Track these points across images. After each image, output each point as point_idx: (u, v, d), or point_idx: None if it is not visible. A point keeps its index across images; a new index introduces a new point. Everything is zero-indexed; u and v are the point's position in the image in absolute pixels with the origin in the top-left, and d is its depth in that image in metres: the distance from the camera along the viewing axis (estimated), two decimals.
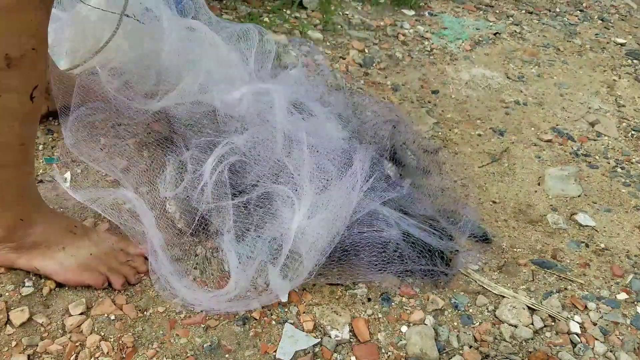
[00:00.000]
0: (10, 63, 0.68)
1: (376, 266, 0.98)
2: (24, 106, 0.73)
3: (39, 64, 0.72)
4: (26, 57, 0.69)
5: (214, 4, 1.72)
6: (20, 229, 0.84)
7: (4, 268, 0.89)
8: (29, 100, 0.73)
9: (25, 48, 0.69)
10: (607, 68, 1.81)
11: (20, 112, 0.73)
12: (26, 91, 0.72)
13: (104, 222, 1.00)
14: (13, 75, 0.69)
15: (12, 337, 0.82)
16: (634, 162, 1.42)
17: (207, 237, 1.01)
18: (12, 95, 0.71)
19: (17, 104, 0.72)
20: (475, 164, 1.32)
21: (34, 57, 0.70)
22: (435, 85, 1.59)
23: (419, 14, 1.95)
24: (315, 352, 0.87)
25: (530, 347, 0.93)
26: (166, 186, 1.04)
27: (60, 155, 1.12)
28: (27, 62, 0.70)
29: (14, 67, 0.68)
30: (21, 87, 0.71)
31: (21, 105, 0.73)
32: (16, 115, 0.73)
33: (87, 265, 0.88)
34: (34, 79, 0.72)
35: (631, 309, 1.03)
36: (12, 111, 0.73)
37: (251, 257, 0.92)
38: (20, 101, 0.72)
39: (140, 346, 0.84)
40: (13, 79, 0.70)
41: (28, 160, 0.82)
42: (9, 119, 0.73)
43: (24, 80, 0.71)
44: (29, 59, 0.70)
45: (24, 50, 0.68)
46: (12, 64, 0.68)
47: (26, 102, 0.73)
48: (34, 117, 0.78)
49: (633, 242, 1.18)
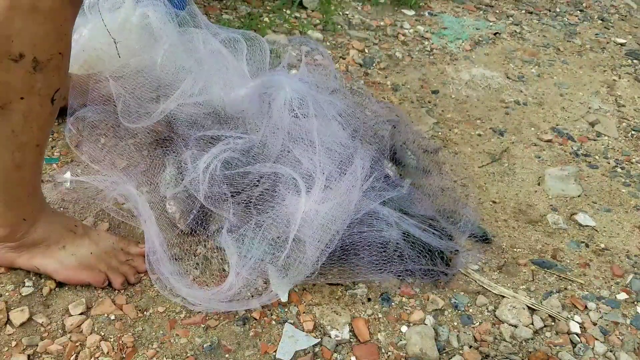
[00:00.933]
0: (37, 66, 0.68)
1: (376, 266, 0.98)
2: (45, 109, 0.74)
3: (63, 67, 0.73)
4: (52, 61, 0.70)
5: (214, 4, 1.72)
6: (23, 228, 0.84)
7: (4, 268, 0.89)
8: (50, 103, 0.74)
9: (53, 52, 0.69)
10: (607, 68, 1.81)
11: (41, 114, 0.74)
12: (48, 94, 0.73)
13: (104, 221, 1.01)
14: (38, 79, 0.70)
15: (12, 337, 0.82)
16: (634, 162, 1.42)
17: (207, 237, 1.01)
18: (34, 97, 0.71)
19: (39, 107, 0.73)
20: (475, 164, 1.32)
21: (59, 61, 0.71)
22: (435, 85, 1.59)
23: (419, 14, 1.95)
24: (315, 352, 0.87)
25: (530, 347, 0.93)
26: (166, 186, 1.04)
27: (60, 156, 1.12)
28: (52, 66, 0.70)
29: (40, 71, 0.69)
30: (44, 90, 0.72)
31: (42, 108, 0.73)
32: (37, 118, 0.74)
33: (87, 264, 0.88)
34: (57, 82, 0.73)
35: (631, 309, 1.03)
36: (33, 113, 0.73)
37: (251, 251, 0.92)
38: (41, 104, 0.73)
39: (140, 346, 0.84)
40: (38, 82, 0.70)
41: (40, 161, 0.82)
42: (29, 121, 0.73)
43: (48, 83, 0.72)
44: (54, 63, 0.70)
45: (51, 54, 0.69)
46: (39, 67, 0.69)
47: (47, 105, 0.73)
48: (52, 119, 0.78)
49: (633, 242, 1.18)
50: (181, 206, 1.00)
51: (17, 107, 0.71)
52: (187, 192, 1.01)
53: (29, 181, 0.82)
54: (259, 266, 0.92)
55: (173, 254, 0.97)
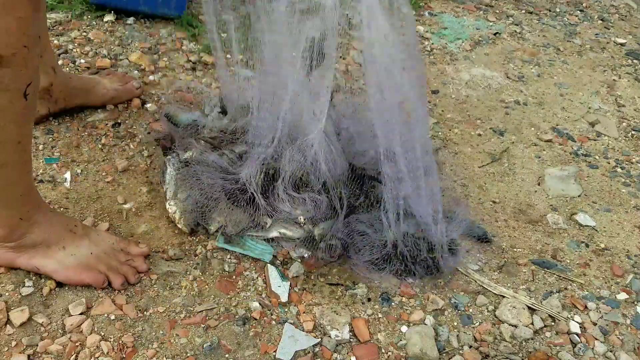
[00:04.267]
0: (1, 61, 0.68)
1: (376, 265, 0.98)
2: (18, 104, 0.73)
3: (30, 61, 0.72)
4: (18, 55, 0.69)
5: None
6: (21, 228, 0.84)
7: (4, 268, 0.89)
8: (23, 98, 0.73)
9: (17, 46, 0.69)
10: (607, 68, 1.81)
11: (15, 110, 0.74)
12: (19, 89, 0.72)
13: (104, 221, 1.01)
14: (5, 74, 0.70)
15: (12, 337, 0.82)
16: (634, 162, 1.41)
17: (208, 237, 1.01)
18: (5, 93, 0.71)
19: (10, 102, 0.73)
20: (475, 164, 1.32)
21: (25, 54, 0.70)
22: (435, 85, 1.59)
23: (419, 14, 1.95)
24: (315, 352, 0.87)
25: (530, 347, 0.93)
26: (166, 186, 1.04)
27: (60, 156, 1.12)
28: (19, 60, 0.70)
29: (6, 65, 0.69)
30: (14, 85, 0.72)
31: (15, 104, 0.73)
32: (10, 114, 0.74)
33: (87, 264, 0.88)
34: (27, 77, 0.73)
35: (631, 309, 1.03)
36: (6, 110, 0.73)
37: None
38: (13, 99, 0.73)
39: (140, 346, 0.84)
40: (5, 77, 0.70)
41: (26, 159, 0.82)
42: (3, 118, 0.73)
43: (17, 78, 0.72)
44: (20, 57, 0.70)
45: (15, 48, 0.69)
46: (4, 63, 0.69)
47: (19, 100, 0.73)
48: (29, 115, 0.78)
49: (633, 242, 1.18)
50: (181, 206, 1.00)
51: None
52: (188, 193, 1.00)
53: (18, 180, 0.81)
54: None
55: (173, 254, 0.97)
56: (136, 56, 1.41)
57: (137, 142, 1.18)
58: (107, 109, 1.24)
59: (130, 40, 1.46)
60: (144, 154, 1.16)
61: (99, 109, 1.23)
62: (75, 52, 1.39)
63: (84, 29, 1.47)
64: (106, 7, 1.52)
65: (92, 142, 1.16)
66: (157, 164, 1.13)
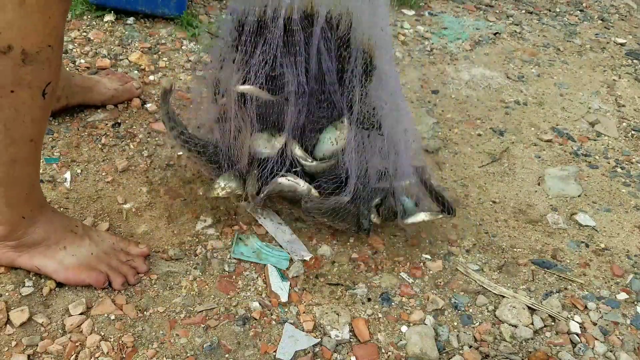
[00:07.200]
0: (25, 58, 0.69)
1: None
2: (36, 102, 0.74)
3: (54, 61, 0.73)
4: (42, 53, 0.70)
5: (214, 4, 1.72)
6: (22, 227, 0.84)
7: (4, 267, 0.89)
8: (41, 96, 0.74)
9: (42, 45, 0.69)
10: (607, 68, 1.81)
11: (32, 108, 0.74)
12: (39, 87, 0.73)
13: (104, 221, 1.01)
14: (27, 71, 0.70)
15: (12, 337, 0.82)
16: (634, 162, 1.42)
17: (208, 238, 1.01)
18: (25, 90, 0.72)
19: (30, 100, 0.73)
20: (475, 164, 1.32)
21: (49, 54, 0.71)
22: (435, 85, 1.59)
23: (419, 13, 1.95)
24: (315, 352, 0.87)
25: (530, 347, 0.93)
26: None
27: (60, 156, 1.12)
28: (42, 59, 0.70)
29: (30, 63, 0.69)
30: (34, 83, 0.72)
31: (33, 101, 0.73)
32: (28, 111, 0.74)
33: (87, 264, 0.88)
34: (48, 76, 0.73)
35: (631, 309, 1.03)
36: (25, 107, 0.73)
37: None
38: (32, 97, 0.73)
39: (140, 346, 0.84)
40: (28, 75, 0.70)
41: (36, 157, 0.82)
42: (21, 115, 0.73)
43: (38, 76, 0.72)
44: (44, 55, 0.70)
45: (40, 46, 0.69)
46: (28, 60, 0.69)
47: (38, 98, 0.73)
48: (45, 114, 0.78)
49: (633, 242, 1.18)
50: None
51: (8, 101, 0.71)
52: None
53: (26, 178, 0.81)
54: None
55: (173, 254, 0.97)
56: (136, 56, 1.41)
57: (137, 142, 1.18)
58: (107, 109, 1.24)
59: (130, 40, 1.46)
60: (144, 154, 1.16)
61: (99, 108, 1.23)
62: (75, 52, 1.39)
63: (84, 29, 1.47)
64: (106, 7, 1.52)
65: (92, 142, 1.16)
66: (157, 164, 1.14)
